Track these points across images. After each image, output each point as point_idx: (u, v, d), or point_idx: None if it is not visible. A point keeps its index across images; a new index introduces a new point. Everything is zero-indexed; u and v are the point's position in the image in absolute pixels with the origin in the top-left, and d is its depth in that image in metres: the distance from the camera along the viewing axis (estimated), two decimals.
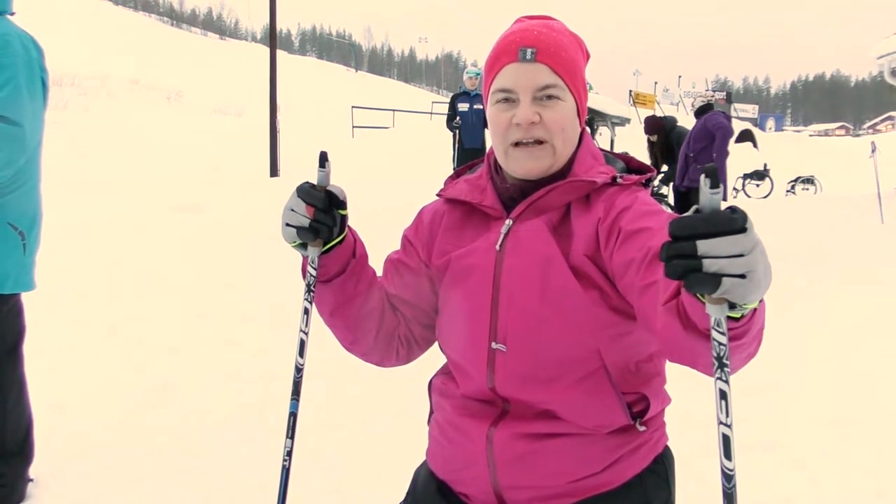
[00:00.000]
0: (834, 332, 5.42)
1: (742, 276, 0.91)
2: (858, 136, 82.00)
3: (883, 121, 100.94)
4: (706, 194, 0.93)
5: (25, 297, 2.96)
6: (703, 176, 0.93)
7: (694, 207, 0.94)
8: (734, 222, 0.91)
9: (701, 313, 1.02)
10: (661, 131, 9.90)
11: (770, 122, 46.54)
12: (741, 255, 0.91)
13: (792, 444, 3.62)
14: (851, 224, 10.15)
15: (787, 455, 3.50)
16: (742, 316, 1.01)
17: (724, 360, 0.99)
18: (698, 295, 0.99)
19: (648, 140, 10.10)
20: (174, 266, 7.52)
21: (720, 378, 1.00)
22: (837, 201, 12.61)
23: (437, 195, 1.62)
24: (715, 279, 0.91)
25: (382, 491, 2.33)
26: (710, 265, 0.91)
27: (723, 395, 1.01)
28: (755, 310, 1.03)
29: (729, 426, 1.02)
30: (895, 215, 10.33)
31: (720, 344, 0.99)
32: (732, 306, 0.97)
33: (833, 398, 4.20)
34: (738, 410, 1.37)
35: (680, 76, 43.96)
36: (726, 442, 1.01)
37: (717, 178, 0.92)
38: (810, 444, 3.62)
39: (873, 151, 11.35)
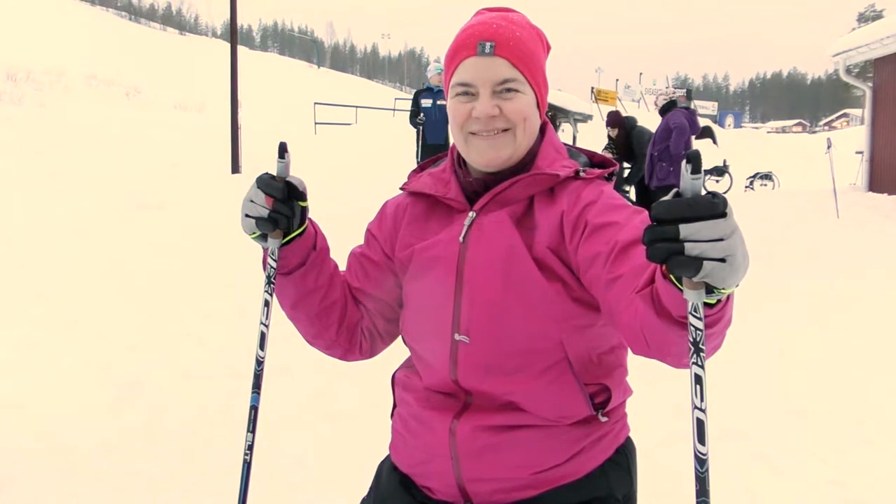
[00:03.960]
0: (793, 325, 5.53)
1: (722, 260, 0.93)
2: (815, 132, 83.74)
3: (838, 118, 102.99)
4: (687, 180, 0.94)
5: None
6: (684, 162, 0.94)
7: (674, 191, 0.96)
8: (715, 207, 0.92)
9: (676, 301, 1.03)
10: (621, 128, 10.02)
11: (729, 119, 47.01)
12: (721, 240, 0.93)
13: (754, 434, 3.68)
14: (808, 219, 10.33)
15: (749, 446, 3.56)
16: (717, 302, 1.03)
17: (701, 346, 1.01)
18: (676, 281, 1.01)
19: (608, 135, 10.23)
20: (135, 263, 7.41)
21: (696, 363, 1.01)
22: (795, 196, 12.83)
23: (401, 189, 1.61)
24: (696, 262, 0.93)
25: (346, 486, 2.33)
26: (691, 248, 0.93)
27: (698, 380, 1.02)
28: (728, 299, 1.05)
29: (703, 411, 1.02)
30: (850, 210, 10.55)
31: (696, 329, 1.00)
32: (709, 292, 0.99)
33: (794, 389, 4.28)
34: None
35: (641, 73, 44.17)
36: (700, 427, 1.03)
37: (699, 164, 0.94)
38: (772, 435, 3.69)
39: (829, 148, 11.59)
